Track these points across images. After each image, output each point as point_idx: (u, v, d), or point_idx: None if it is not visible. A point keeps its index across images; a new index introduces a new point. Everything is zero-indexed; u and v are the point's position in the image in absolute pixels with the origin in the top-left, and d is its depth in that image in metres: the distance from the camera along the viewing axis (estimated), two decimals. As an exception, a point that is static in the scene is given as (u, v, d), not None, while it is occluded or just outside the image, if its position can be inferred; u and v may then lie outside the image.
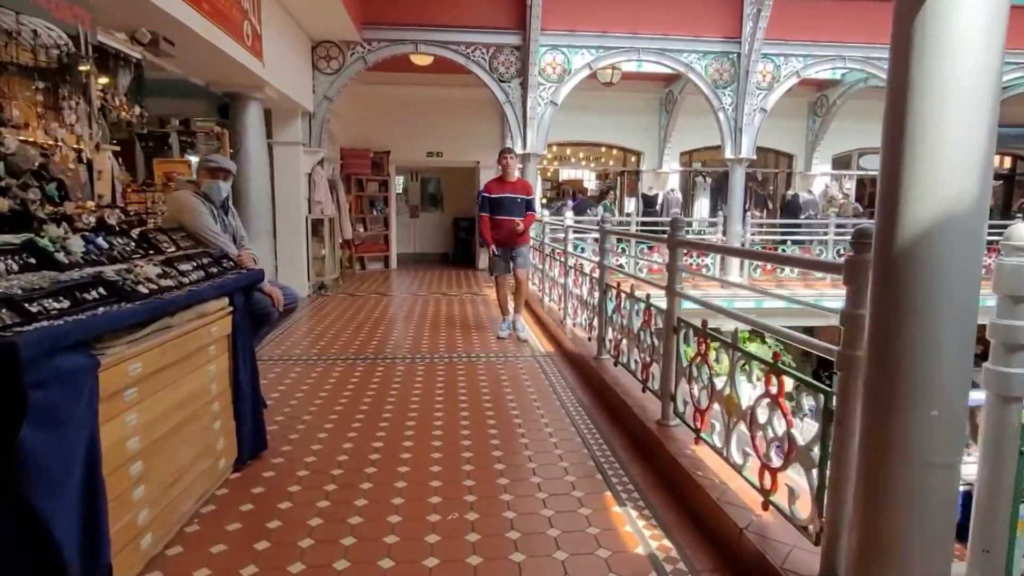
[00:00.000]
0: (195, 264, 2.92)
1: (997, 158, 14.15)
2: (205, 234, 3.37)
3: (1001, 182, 14.35)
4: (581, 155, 14.90)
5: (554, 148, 14.17)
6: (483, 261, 12.80)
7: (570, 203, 12.26)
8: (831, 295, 9.45)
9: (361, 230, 12.55)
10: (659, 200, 13.04)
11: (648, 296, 3.70)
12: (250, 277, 3.24)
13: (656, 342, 3.47)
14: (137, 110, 3.78)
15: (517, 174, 6.07)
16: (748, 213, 13.86)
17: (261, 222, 7.22)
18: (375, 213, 12.71)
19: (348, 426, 3.71)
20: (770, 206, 14.27)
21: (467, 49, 9.11)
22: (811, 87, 13.08)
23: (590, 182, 17.84)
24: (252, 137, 7.06)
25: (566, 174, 16.52)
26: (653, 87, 12.90)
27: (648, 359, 3.61)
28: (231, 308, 2.96)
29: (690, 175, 13.80)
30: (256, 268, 3.42)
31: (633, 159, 13.71)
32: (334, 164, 11.63)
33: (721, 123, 9.57)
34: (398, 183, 14.58)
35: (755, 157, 9.80)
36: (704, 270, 9.98)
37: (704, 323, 2.90)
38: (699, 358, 2.89)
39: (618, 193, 13.76)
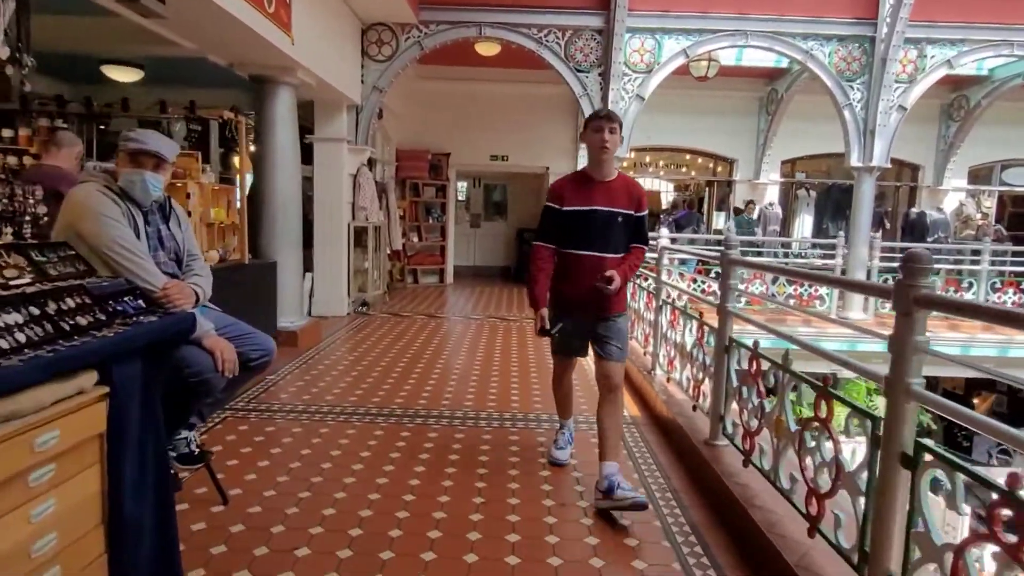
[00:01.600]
0: (54, 309, 1.66)
1: None
2: (112, 252, 2.12)
3: None
4: (661, 163, 13.28)
5: (631, 154, 12.63)
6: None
7: (673, 216, 10.66)
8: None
9: (415, 239, 11.41)
10: (756, 215, 11.25)
11: (831, 383, 2.16)
12: (168, 328, 1.95)
13: (861, 475, 1.94)
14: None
15: (616, 168, 3.04)
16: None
17: (288, 231, 6.09)
18: (431, 221, 11.55)
19: (342, 540, 2.38)
20: (887, 226, 12.17)
21: (539, 33, 7.76)
22: (947, 85, 10.95)
23: (667, 193, 16.19)
24: (281, 129, 5.94)
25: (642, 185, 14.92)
26: (752, 85, 11.16)
27: (829, 482, 2.06)
28: (106, 389, 1.67)
29: (791, 188, 11.92)
30: (186, 311, 2.13)
31: (722, 168, 11.98)
32: (388, 166, 10.55)
33: (847, 123, 7.79)
34: (460, 190, 13.41)
35: (888, 165, 7.95)
36: (817, 303, 8.19)
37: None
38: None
39: (711, 205, 12.04)
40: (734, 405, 3.01)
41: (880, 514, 1.73)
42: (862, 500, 1.86)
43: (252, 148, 6.13)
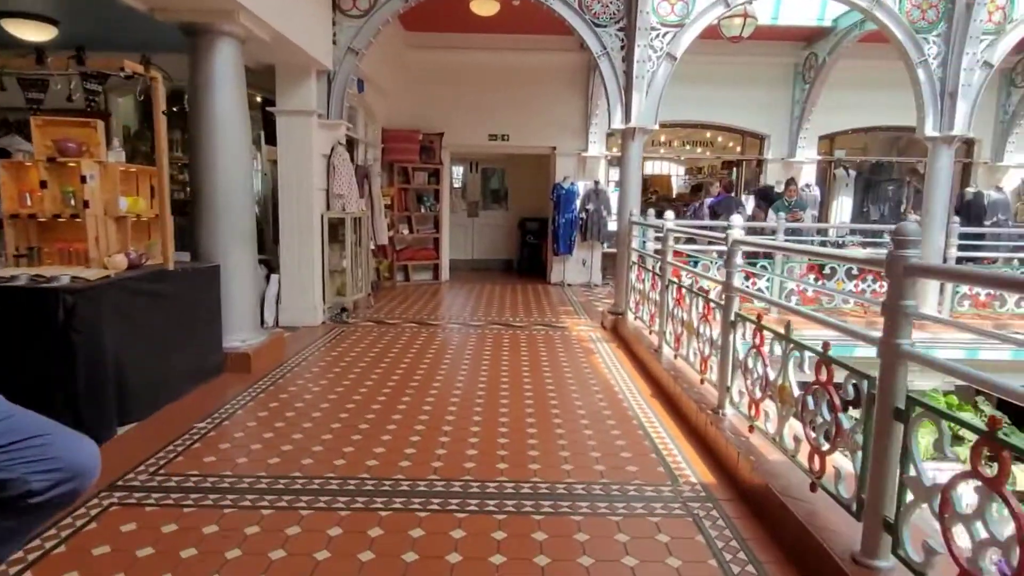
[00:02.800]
0: None
1: None
2: None
3: None
4: (677, 141, 11.90)
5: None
6: (556, 272, 10.11)
7: (708, 201, 9.36)
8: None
9: (405, 232, 10.06)
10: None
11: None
12: None
13: None
14: None
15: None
16: (908, 216, 10.59)
17: (235, 224, 4.76)
18: (423, 211, 10.20)
19: None
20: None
21: (548, -21, 6.39)
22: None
23: (677, 177, 14.84)
24: (222, 94, 4.60)
25: (649, 168, 13.56)
26: (787, 49, 9.79)
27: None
28: None
29: (829, 168, 10.58)
30: None
31: (752, 146, 10.62)
32: (373, 148, 9.19)
33: (921, 85, 6.45)
34: (456, 176, 12.05)
35: (971, 135, 6.63)
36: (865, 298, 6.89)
37: (759, 316, 3.01)
38: (755, 350, 2.96)
39: (739, 186, 10.68)
40: (740, 376, 3.19)
41: (876, 465, 1.92)
42: (859, 454, 2.07)
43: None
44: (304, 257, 6.38)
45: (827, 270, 6.89)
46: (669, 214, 5.97)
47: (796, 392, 2.54)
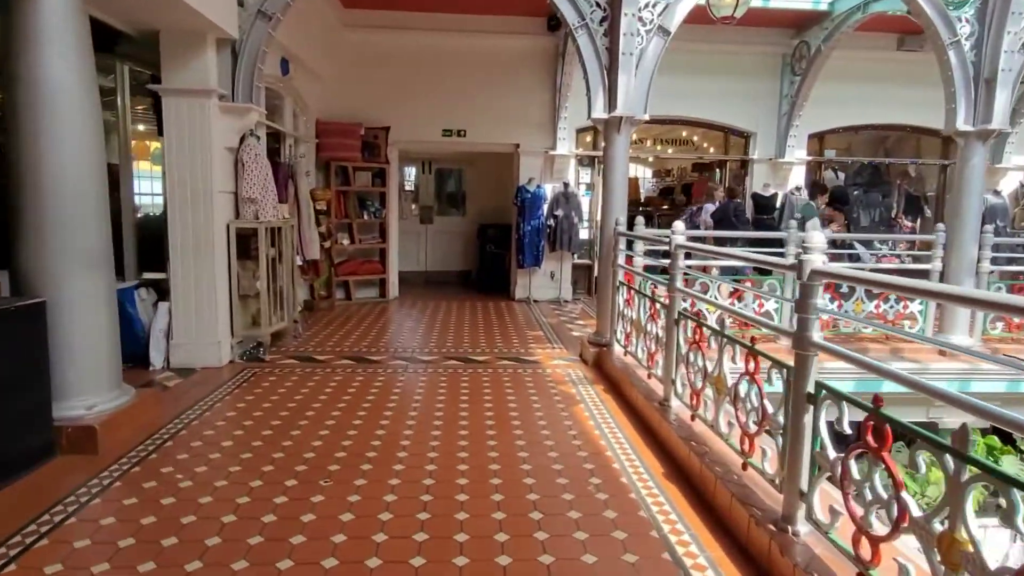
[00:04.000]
0: None
1: None
2: None
3: None
4: (649, 140, 10.81)
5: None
6: (522, 287, 8.89)
7: (709, 208, 8.23)
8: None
9: (346, 242, 8.65)
10: (778, 202, 8.99)
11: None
12: None
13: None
14: None
15: None
16: (900, 221, 9.79)
17: (75, 242, 3.33)
18: (367, 217, 8.80)
19: None
20: (927, 213, 10.10)
21: (513, -68, 5.16)
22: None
23: (645, 180, 13.84)
24: (49, 56, 3.18)
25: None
26: (776, 37, 8.83)
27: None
28: None
29: (818, 169, 9.66)
30: None
31: (737, 145, 9.62)
32: (306, 144, 7.78)
33: (953, 68, 5.46)
34: (408, 177, 10.71)
35: (1010, 129, 5.72)
36: (906, 323, 5.91)
37: (698, 313, 3.60)
38: (694, 345, 3.30)
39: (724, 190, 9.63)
40: (683, 369, 3.47)
41: (793, 443, 2.25)
42: (780, 436, 2.37)
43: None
44: (203, 279, 4.96)
45: (844, 288, 5.86)
46: (641, 226, 4.85)
47: (729, 382, 2.89)
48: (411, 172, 10.92)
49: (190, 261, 4.90)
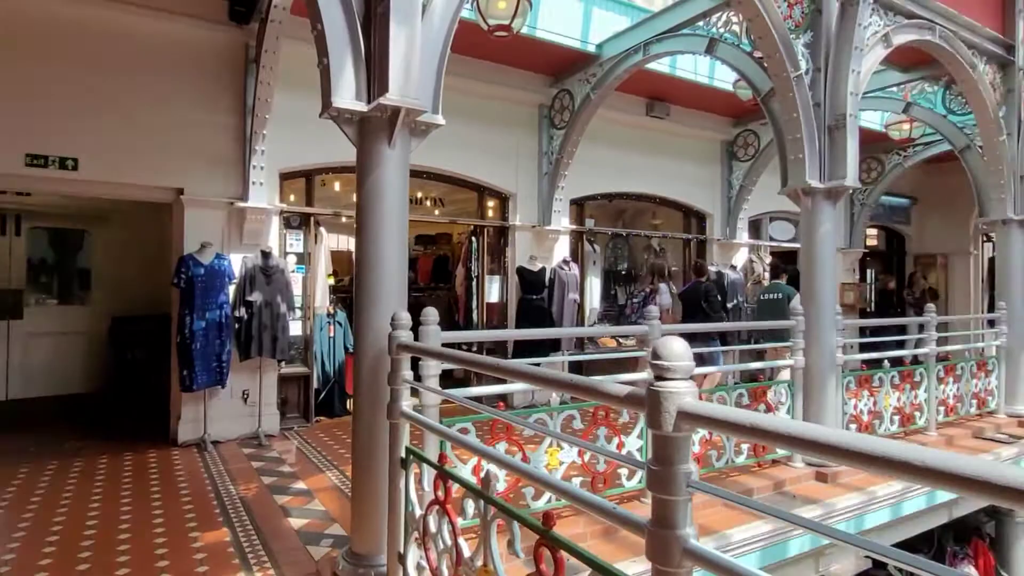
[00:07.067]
0: None
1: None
2: None
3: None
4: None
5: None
6: (190, 421, 5.35)
7: (664, 289, 5.97)
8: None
9: None
10: (547, 277, 7.30)
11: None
12: None
13: None
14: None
15: None
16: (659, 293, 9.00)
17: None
18: None
19: None
20: (673, 289, 9.61)
21: None
22: (727, 117, 9.02)
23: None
24: None
25: (334, 243, 9.64)
26: (535, 83, 7.35)
27: None
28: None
29: (580, 240, 8.34)
30: None
31: (492, 207, 7.75)
32: None
33: (800, 109, 4.26)
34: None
35: (860, 185, 4.76)
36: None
37: (441, 457, 2.23)
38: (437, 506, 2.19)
39: (479, 266, 7.48)
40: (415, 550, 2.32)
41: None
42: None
43: None
44: None
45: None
46: (432, 328, 2.36)
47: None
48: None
49: None
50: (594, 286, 8.62)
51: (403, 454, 2.35)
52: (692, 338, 5.92)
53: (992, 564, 6.27)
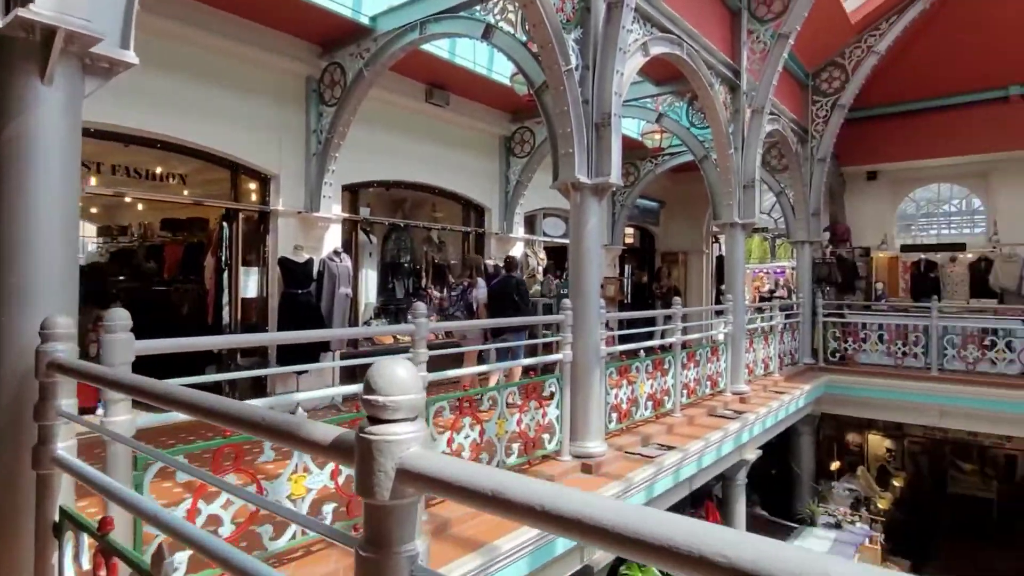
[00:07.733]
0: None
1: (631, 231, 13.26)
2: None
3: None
4: (94, 173, 6.78)
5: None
6: None
7: (481, 283, 5.18)
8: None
9: None
10: (315, 270, 6.59)
11: None
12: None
13: None
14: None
15: None
16: (430, 290, 8.78)
17: None
18: None
19: None
20: (451, 280, 9.47)
21: None
22: (506, 112, 9.14)
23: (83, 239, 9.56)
24: None
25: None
26: (300, 51, 6.54)
27: None
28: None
29: (354, 230, 7.69)
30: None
31: (253, 189, 6.73)
32: None
33: (570, 104, 4.25)
34: None
35: (622, 184, 4.91)
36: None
37: (104, 522, 1.48)
38: None
39: (232, 256, 6.38)
40: None
41: None
42: None
43: None
44: None
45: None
46: None
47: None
48: None
49: None
50: (370, 279, 8.08)
51: (56, 517, 1.66)
52: (504, 332, 5.86)
53: (718, 519, 7.22)
